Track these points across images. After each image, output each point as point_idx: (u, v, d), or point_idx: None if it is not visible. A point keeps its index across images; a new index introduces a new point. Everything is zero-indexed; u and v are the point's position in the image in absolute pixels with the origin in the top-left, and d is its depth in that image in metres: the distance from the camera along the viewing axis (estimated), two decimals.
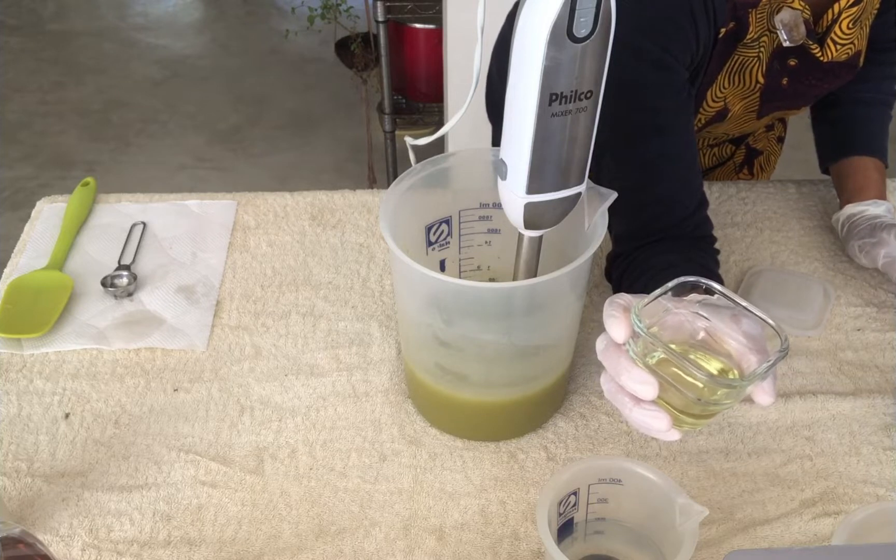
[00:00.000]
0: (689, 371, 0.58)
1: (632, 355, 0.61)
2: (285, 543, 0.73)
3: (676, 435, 0.61)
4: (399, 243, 0.73)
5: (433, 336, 0.77)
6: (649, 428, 0.61)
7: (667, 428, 0.60)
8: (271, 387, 0.86)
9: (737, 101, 0.94)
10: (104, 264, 0.99)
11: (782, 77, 0.92)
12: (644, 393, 0.60)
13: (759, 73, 0.91)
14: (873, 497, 0.77)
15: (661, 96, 0.83)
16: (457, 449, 0.81)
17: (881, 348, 0.91)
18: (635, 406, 0.61)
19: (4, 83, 3.16)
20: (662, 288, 0.62)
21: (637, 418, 0.61)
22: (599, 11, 0.59)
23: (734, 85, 0.92)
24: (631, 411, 0.61)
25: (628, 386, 0.60)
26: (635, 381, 0.60)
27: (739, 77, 0.91)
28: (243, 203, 1.08)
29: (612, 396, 0.63)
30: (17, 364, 0.88)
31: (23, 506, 0.76)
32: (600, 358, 0.63)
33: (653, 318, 0.62)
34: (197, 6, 3.79)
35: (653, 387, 0.59)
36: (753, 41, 0.87)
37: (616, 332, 0.61)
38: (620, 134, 0.82)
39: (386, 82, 2.23)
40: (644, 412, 0.61)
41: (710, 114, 0.95)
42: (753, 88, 0.93)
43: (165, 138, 2.91)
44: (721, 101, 0.93)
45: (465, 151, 0.84)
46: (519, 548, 0.73)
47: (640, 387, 0.60)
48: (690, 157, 0.86)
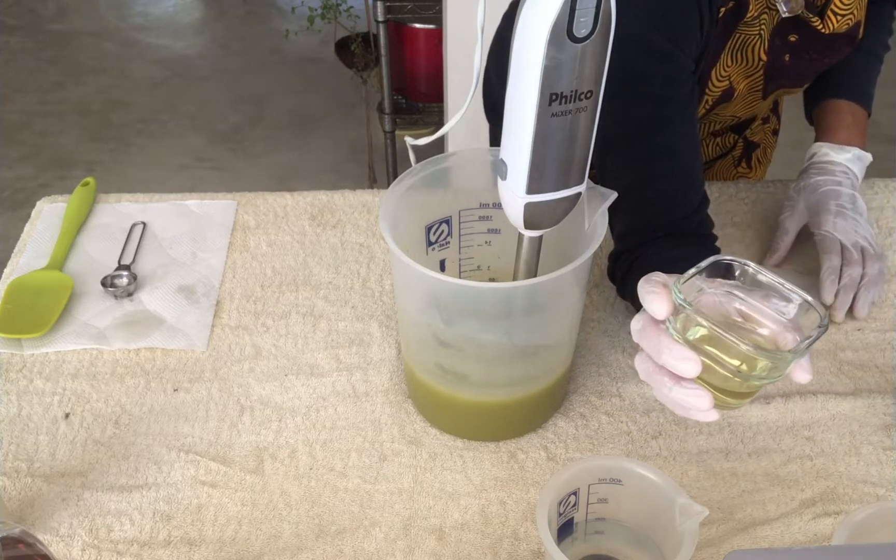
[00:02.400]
0: (732, 344, 0.57)
1: (671, 332, 0.60)
2: (285, 543, 0.73)
3: (716, 415, 0.60)
4: (399, 243, 0.73)
5: (433, 336, 0.77)
6: (689, 407, 0.60)
7: (708, 406, 0.59)
8: (271, 387, 0.86)
9: (741, 80, 0.94)
10: (104, 264, 0.99)
11: (784, 53, 0.92)
12: (687, 370, 0.58)
13: (762, 50, 0.91)
14: (873, 497, 0.77)
15: (668, 88, 0.83)
16: (457, 449, 0.81)
17: (881, 348, 0.91)
18: (675, 385, 0.60)
19: (4, 83, 3.16)
20: (697, 267, 0.62)
21: (677, 397, 0.60)
22: (599, 11, 0.59)
23: (737, 63, 0.92)
24: (671, 390, 0.60)
25: (670, 364, 0.59)
26: (678, 358, 0.58)
27: (742, 55, 0.91)
28: (243, 203, 1.08)
29: (649, 376, 0.62)
30: (17, 364, 0.88)
31: (23, 506, 0.76)
32: (637, 339, 0.62)
33: (688, 297, 0.61)
34: (197, 6, 3.79)
35: (696, 363, 0.58)
36: (754, 19, 0.87)
37: (657, 307, 0.59)
38: (627, 127, 0.82)
39: (386, 82, 2.23)
40: (685, 391, 0.59)
41: (716, 94, 0.95)
42: (756, 66, 0.93)
43: (165, 138, 2.91)
44: (726, 80, 0.93)
45: (465, 151, 0.84)
46: (519, 548, 0.73)
47: (682, 364, 0.58)
48: (695, 152, 0.86)
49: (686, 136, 0.85)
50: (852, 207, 0.96)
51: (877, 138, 1.01)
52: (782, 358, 0.59)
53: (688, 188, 0.85)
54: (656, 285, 0.61)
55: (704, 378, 0.60)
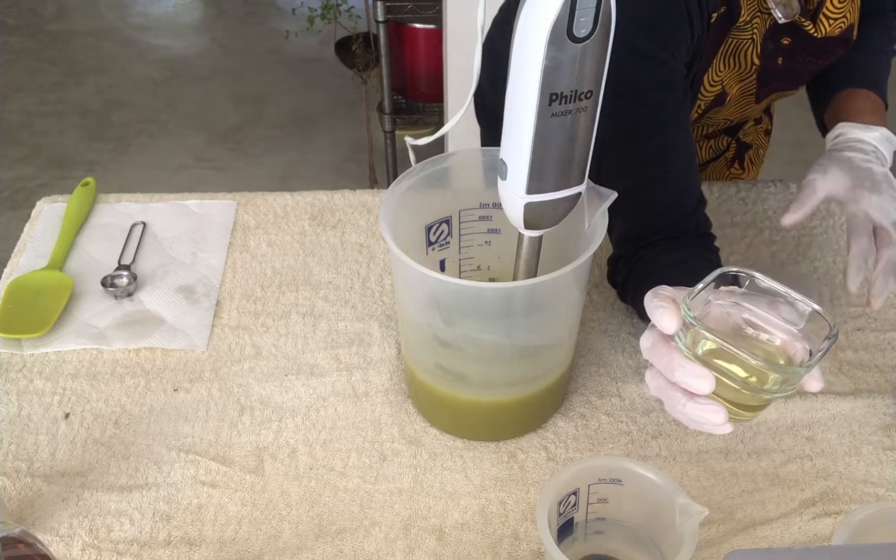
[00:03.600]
0: (743, 359, 0.57)
1: (681, 348, 0.60)
2: (285, 543, 0.73)
3: (730, 427, 0.60)
4: (399, 243, 0.73)
5: (433, 336, 0.77)
6: (704, 422, 0.60)
7: (723, 421, 0.59)
8: (271, 387, 0.86)
9: (734, 85, 0.94)
10: (104, 264, 0.99)
11: (777, 57, 0.92)
12: (701, 388, 0.58)
13: (755, 54, 0.91)
14: (873, 497, 0.77)
15: (661, 93, 0.83)
16: (457, 449, 0.81)
17: (881, 348, 0.91)
18: (689, 401, 0.59)
19: (4, 83, 3.16)
20: (704, 281, 0.61)
21: (691, 413, 0.60)
22: (599, 11, 0.59)
23: (730, 68, 0.92)
24: (685, 407, 0.60)
25: (683, 382, 0.59)
26: (691, 375, 0.58)
27: (735, 60, 0.91)
28: (243, 203, 1.08)
29: (662, 392, 0.61)
30: (17, 364, 0.88)
31: (23, 506, 0.76)
32: (647, 356, 0.62)
33: (696, 310, 0.61)
34: (197, 6, 3.79)
35: (710, 381, 0.58)
36: (746, 23, 0.87)
37: (667, 322, 0.59)
38: (621, 132, 0.82)
39: (386, 82, 2.23)
40: (699, 406, 0.59)
41: (709, 98, 0.95)
42: (750, 70, 0.93)
43: (165, 138, 2.91)
44: (718, 84, 0.93)
45: (465, 151, 0.84)
46: (519, 548, 0.73)
47: (696, 381, 0.58)
48: (689, 154, 0.86)
49: (680, 139, 0.85)
50: (888, 185, 0.88)
51: None
52: (794, 372, 0.59)
53: (684, 191, 0.85)
54: (665, 299, 0.60)
55: (717, 392, 0.60)
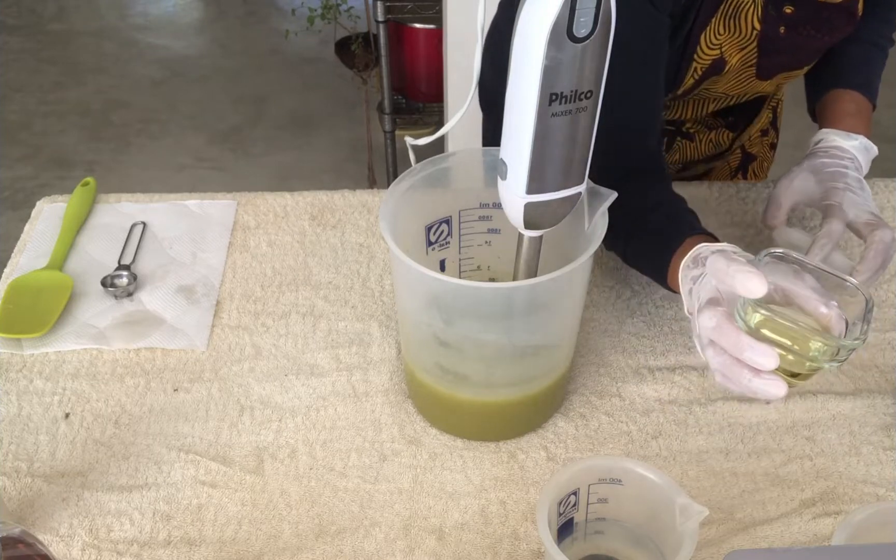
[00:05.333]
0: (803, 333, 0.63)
1: (739, 323, 0.64)
2: (285, 543, 0.73)
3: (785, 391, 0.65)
4: (399, 243, 0.73)
5: (433, 336, 0.77)
6: (766, 394, 0.64)
7: (785, 392, 0.64)
8: (271, 387, 0.86)
9: (734, 52, 0.93)
10: (104, 264, 0.99)
11: (779, 25, 0.91)
12: (768, 364, 0.63)
13: (755, 17, 0.90)
14: (873, 497, 0.77)
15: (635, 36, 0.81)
16: (457, 449, 0.81)
17: (881, 348, 0.91)
18: (754, 377, 0.64)
19: (4, 83, 3.16)
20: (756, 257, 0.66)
21: (756, 388, 0.64)
22: (599, 11, 0.59)
23: (729, 31, 0.91)
24: (750, 381, 0.64)
25: (751, 360, 0.63)
26: (759, 354, 0.62)
27: (734, 22, 0.90)
28: (243, 203, 1.08)
29: (726, 369, 0.65)
30: (17, 364, 0.88)
31: (23, 506, 0.76)
32: (712, 336, 0.65)
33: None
34: (197, 6, 3.79)
35: (775, 359, 0.62)
36: None
37: (756, 285, 0.63)
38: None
39: (386, 82, 2.23)
40: (764, 381, 0.64)
41: (706, 63, 0.93)
42: (750, 36, 0.91)
43: (165, 138, 2.91)
44: (717, 48, 0.92)
45: (465, 151, 0.84)
46: (519, 548, 0.73)
47: (763, 359, 0.62)
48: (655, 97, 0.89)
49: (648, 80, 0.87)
50: (860, 187, 0.90)
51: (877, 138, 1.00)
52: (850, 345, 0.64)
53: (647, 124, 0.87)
54: (746, 264, 0.64)
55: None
